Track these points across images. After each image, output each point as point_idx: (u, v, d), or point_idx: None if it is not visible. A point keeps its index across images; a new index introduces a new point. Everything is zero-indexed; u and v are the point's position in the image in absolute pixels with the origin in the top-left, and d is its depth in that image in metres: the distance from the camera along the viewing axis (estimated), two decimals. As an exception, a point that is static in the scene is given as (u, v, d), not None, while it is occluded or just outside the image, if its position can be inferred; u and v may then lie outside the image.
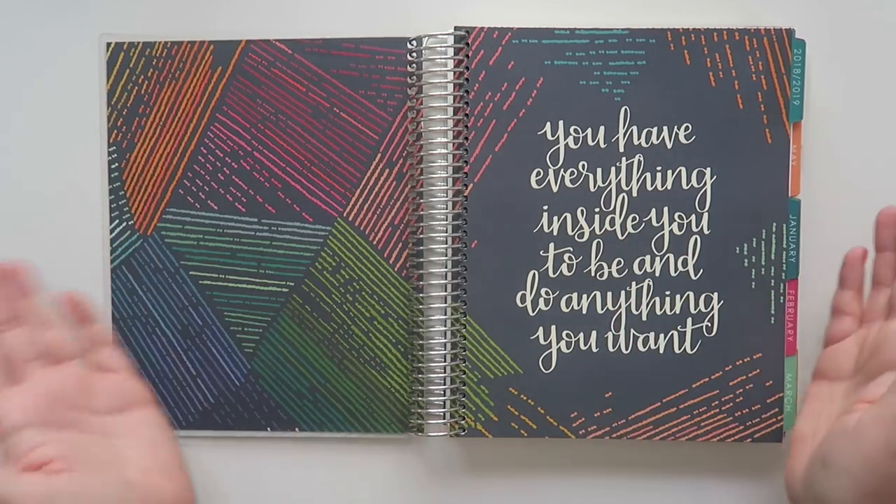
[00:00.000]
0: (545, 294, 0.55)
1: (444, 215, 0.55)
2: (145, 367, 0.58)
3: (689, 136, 0.54)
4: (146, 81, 0.58)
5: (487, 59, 0.54)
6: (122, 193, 0.58)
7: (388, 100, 0.57)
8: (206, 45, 0.57)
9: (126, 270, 0.58)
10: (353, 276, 0.57)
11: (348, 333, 0.58)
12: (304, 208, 0.57)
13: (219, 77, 0.57)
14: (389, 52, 0.56)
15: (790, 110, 0.54)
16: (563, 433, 0.55)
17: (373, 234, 0.57)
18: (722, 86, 0.54)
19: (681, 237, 0.55)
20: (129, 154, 0.58)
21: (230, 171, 0.58)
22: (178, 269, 0.58)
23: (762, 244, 0.54)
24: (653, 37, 0.54)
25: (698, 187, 0.54)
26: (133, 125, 0.58)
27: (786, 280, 0.54)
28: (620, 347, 0.55)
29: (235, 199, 0.58)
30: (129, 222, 0.58)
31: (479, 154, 0.54)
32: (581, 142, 0.55)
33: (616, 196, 0.55)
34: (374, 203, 0.57)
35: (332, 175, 0.57)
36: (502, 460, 0.58)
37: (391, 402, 0.57)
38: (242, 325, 0.58)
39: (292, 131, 0.57)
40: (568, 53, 0.54)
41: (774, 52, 0.54)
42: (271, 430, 0.58)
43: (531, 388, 0.55)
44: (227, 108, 0.57)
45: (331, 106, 0.57)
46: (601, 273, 0.55)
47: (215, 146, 0.58)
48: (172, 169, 0.58)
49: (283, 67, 0.57)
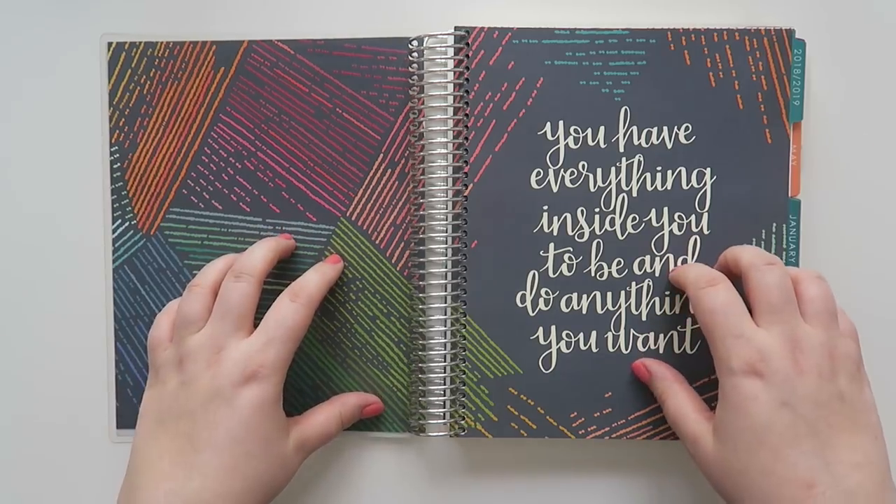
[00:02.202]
0: (545, 294, 0.55)
1: (445, 215, 0.55)
2: (147, 367, 0.58)
3: (689, 136, 0.54)
4: (148, 82, 0.58)
5: (488, 59, 0.54)
6: (124, 193, 0.58)
7: (390, 100, 0.57)
8: (208, 45, 0.58)
9: (129, 270, 0.59)
10: (355, 275, 0.58)
11: (351, 332, 0.58)
12: (307, 208, 0.58)
13: (221, 77, 0.58)
14: (391, 53, 0.57)
15: (790, 110, 0.54)
16: (563, 433, 0.55)
17: (375, 233, 0.57)
18: (722, 86, 0.54)
19: (681, 237, 0.55)
20: (132, 154, 0.58)
21: (234, 171, 0.58)
22: (181, 269, 0.58)
23: (762, 244, 0.54)
24: (653, 37, 0.54)
25: (698, 187, 0.54)
26: (135, 125, 0.58)
27: (786, 280, 0.54)
28: (620, 347, 0.55)
29: (240, 199, 0.58)
30: (131, 222, 0.58)
31: (479, 154, 0.55)
32: (581, 142, 0.55)
33: (616, 196, 0.55)
34: (377, 203, 0.57)
35: (336, 175, 0.57)
36: (502, 460, 0.58)
37: (393, 401, 0.57)
38: (244, 324, 0.58)
39: (295, 131, 0.58)
40: (568, 53, 0.54)
41: (774, 52, 0.54)
42: (273, 429, 0.58)
43: (531, 389, 0.55)
44: (229, 109, 0.58)
45: (333, 106, 0.57)
46: (601, 273, 0.55)
47: (218, 146, 0.58)
48: (175, 169, 0.58)
49: (286, 68, 0.57)
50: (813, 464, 0.44)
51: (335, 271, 0.55)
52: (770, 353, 0.46)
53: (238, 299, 0.51)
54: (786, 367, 0.46)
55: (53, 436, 0.60)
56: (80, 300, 0.59)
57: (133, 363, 0.59)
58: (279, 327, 0.51)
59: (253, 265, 0.52)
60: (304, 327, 0.52)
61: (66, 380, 0.60)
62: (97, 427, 0.59)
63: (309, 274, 0.54)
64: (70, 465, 0.60)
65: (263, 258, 0.53)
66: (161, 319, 0.54)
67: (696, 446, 0.49)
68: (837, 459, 0.45)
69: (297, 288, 0.53)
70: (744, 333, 0.47)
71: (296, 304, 0.52)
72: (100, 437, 0.59)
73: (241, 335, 0.51)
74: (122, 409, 0.59)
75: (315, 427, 0.53)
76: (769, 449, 0.45)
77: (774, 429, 0.45)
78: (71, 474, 0.60)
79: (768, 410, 0.45)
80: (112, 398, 0.59)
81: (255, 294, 0.52)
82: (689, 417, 0.51)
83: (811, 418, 0.45)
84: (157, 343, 0.53)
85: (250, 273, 0.52)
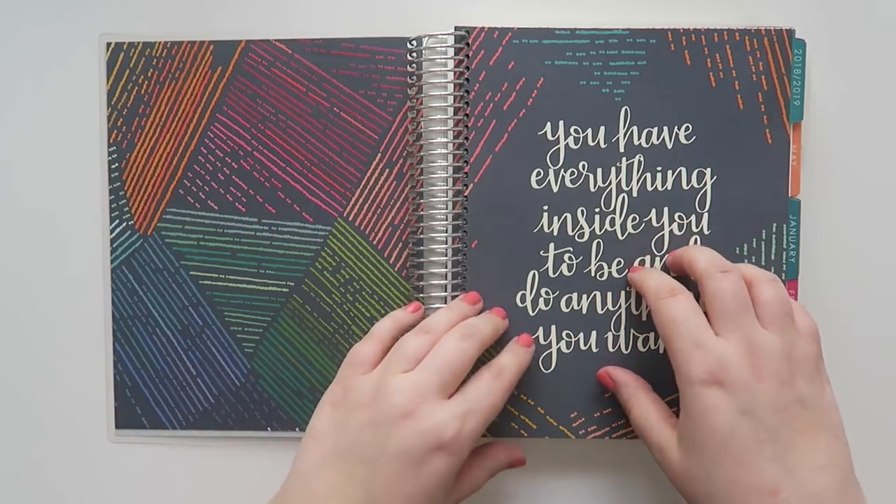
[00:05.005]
0: (545, 294, 0.55)
1: (444, 215, 0.55)
2: (145, 367, 0.58)
3: (689, 136, 0.54)
4: (146, 81, 0.58)
5: (488, 59, 0.54)
6: (122, 193, 0.58)
7: (388, 100, 0.57)
8: (206, 45, 0.57)
9: (126, 270, 0.58)
10: (353, 275, 0.57)
11: (348, 333, 0.58)
12: (304, 208, 0.57)
13: (219, 77, 0.57)
14: (389, 52, 0.56)
15: (790, 111, 0.54)
16: (563, 433, 0.55)
17: (373, 233, 0.57)
18: (722, 86, 0.54)
19: (681, 237, 0.55)
20: (130, 154, 0.58)
21: (230, 171, 0.58)
22: (178, 269, 0.58)
23: (762, 244, 0.54)
24: (653, 37, 0.54)
25: (698, 187, 0.54)
26: (133, 125, 0.58)
27: (786, 280, 0.54)
28: (620, 347, 0.55)
29: (236, 199, 0.58)
30: (129, 222, 0.58)
31: (479, 154, 0.54)
32: (581, 142, 0.54)
33: (616, 196, 0.55)
34: (375, 203, 0.57)
35: (333, 175, 0.57)
36: (502, 460, 0.58)
37: (391, 401, 0.57)
38: (242, 325, 0.58)
39: (292, 131, 0.57)
40: (568, 53, 0.54)
41: (775, 52, 0.54)
42: (271, 430, 0.58)
43: (531, 388, 0.55)
44: (227, 108, 0.57)
45: (331, 106, 0.57)
46: (601, 273, 0.55)
47: (215, 146, 0.58)
48: (173, 169, 0.58)
49: (283, 67, 0.57)
50: (776, 470, 0.44)
51: (528, 356, 0.54)
52: (729, 362, 0.46)
53: (459, 361, 0.49)
54: (745, 374, 0.45)
55: (52, 436, 0.60)
56: (79, 300, 0.59)
57: (131, 363, 0.58)
58: (481, 400, 0.49)
59: (483, 333, 0.51)
60: (500, 408, 0.50)
61: (65, 380, 0.60)
62: (96, 427, 0.59)
63: (505, 355, 0.52)
64: (69, 465, 0.60)
65: (494, 332, 0.52)
66: (371, 339, 0.52)
67: (662, 455, 0.49)
68: (800, 464, 0.44)
69: (497, 367, 0.51)
70: (703, 343, 0.47)
71: (499, 382, 0.50)
72: (99, 437, 0.59)
73: (444, 395, 0.48)
74: (120, 409, 0.59)
75: (468, 488, 0.52)
76: (732, 458, 0.45)
77: (736, 437, 0.45)
78: (70, 474, 0.60)
79: (730, 419, 0.45)
80: (110, 398, 0.59)
81: (473, 361, 0.50)
82: (654, 426, 0.50)
83: (772, 425, 0.45)
84: (360, 362, 0.51)
85: (479, 340, 0.51)
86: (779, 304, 0.47)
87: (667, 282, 0.50)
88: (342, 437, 0.48)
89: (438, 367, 0.49)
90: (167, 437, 0.59)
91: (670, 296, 0.49)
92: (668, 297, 0.49)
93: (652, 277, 0.51)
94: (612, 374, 0.54)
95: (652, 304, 0.50)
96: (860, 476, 0.46)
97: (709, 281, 0.48)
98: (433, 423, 0.47)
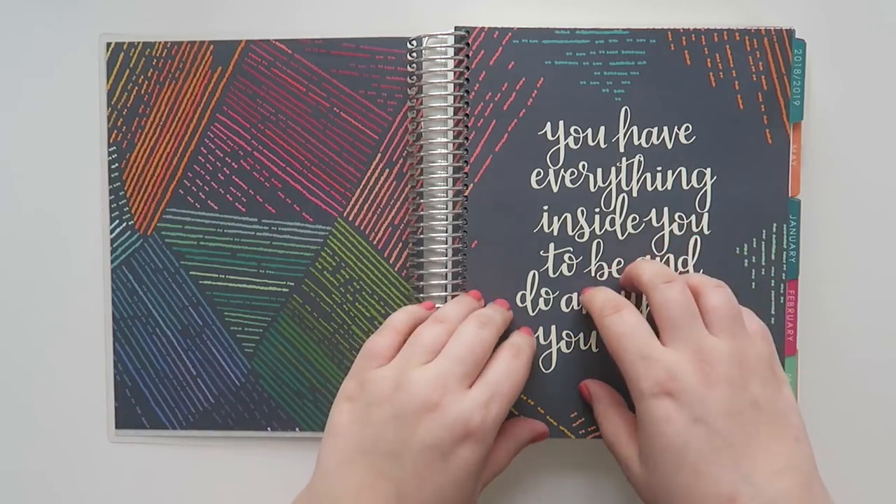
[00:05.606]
0: (545, 294, 0.55)
1: (444, 215, 0.55)
2: (145, 367, 0.58)
3: (689, 136, 0.54)
4: (146, 81, 0.58)
5: (488, 59, 0.54)
6: (122, 193, 0.58)
7: (388, 100, 0.57)
8: (206, 45, 0.57)
9: (126, 270, 0.58)
10: (353, 275, 0.57)
11: (348, 333, 0.57)
12: (304, 208, 0.57)
13: (219, 77, 0.57)
14: (389, 52, 0.56)
15: (790, 111, 0.54)
16: (563, 433, 0.55)
17: (373, 233, 0.57)
18: (722, 86, 0.54)
19: (681, 237, 0.55)
20: (129, 154, 0.58)
21: (230, 171, 0.58)
22: (178, 269, 0.58)
23: (762, 244, 0.54)
24: (653, 37, 0.54)
25: (698, 187, 0.54)
26: (133, 125, 0.58)
27: (786, 280, 0.54)
28: (620, 347, 0.55)
29: (235, 199, 0.58)
30: (129, 222, 0.58)
31: (479, 154, 0.54)
32: (581, 142, 0.54)
33: (616, 196, 0.55)
34: (375, 203, 0.57)
35: (333, 175, 0.57)
36: (502, 460, 0.58)
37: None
38: (242, 325, 0.58)
39: (292, 131, 0.57)
40: (568, 53, 0.54)
41: (774, 52, 0.54)
42: (271, 430, 0.58)
43: (531, 388, 0.55)
44: (227, 108, 0.57)
45: (331, 106, 0.57)
46: (601, 273, 0.55)
47: (215, 146, 0.58)
48: (172, 169, 0.58)
49: (283, 67, 0.57)
50: (733, 477, 0.44)
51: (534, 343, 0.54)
52: (678, 371, 0.45)
53: (480, 349, 0.49)
54: (695, 383, 0.45)
55: (52, 436, 0.60)
56: (79, 300, 0.59)
57: (131, 363, 0.58)
58: (502, 384, 0.48)
59: (496, 322, 0.51)
60: (522, 388, 0.50)
61: (65, 380, 0.60)
62: (96, 427, 0.59)
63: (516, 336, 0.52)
64: (69, 465, 0.60)
65: (504, 322, 0.52)
66: (386, 330, 0.51)
67: (627, 469, 0.49)
68: (758, 469, 0.44)
69: (515, 346, 0.51)
70: (651, 355, 0.46)
71: (518, 361, 0.50)
72: (99, 437, 0.59)
73: (466, 383, 0.48)
74: (120, 408, 0.59)
75: (493, 470, 0.52)
76: (689, 467, 0.44)
77: (691, 447, 0.44)
78: (70, 474, 0.60)
79: (683, 429, 0.45)
80: (111, 398, 0.59)
81: (492, 348, 0.50)
82: (622, 442, 0.50)
83: (726, 431, 0.44)
84: (376, 355, 0.50)
85: (495, 327, 0.50)
86: (726, 309, 0.47)
87: (611, 298, 0.50)
88: (364, 433, 0.47)
89: (460, 355, 0.48)
90: (167, 437, 0.59)
91: (614, 312, 0.49)
92: (613, 313, 0.49)
93: (598, 296, 0.51)
94: (589, 387, 0.54)
95: (598, 322, 0.50)
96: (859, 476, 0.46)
97: (654, 292, 0.48)
98: (458, 413, 0.46)
